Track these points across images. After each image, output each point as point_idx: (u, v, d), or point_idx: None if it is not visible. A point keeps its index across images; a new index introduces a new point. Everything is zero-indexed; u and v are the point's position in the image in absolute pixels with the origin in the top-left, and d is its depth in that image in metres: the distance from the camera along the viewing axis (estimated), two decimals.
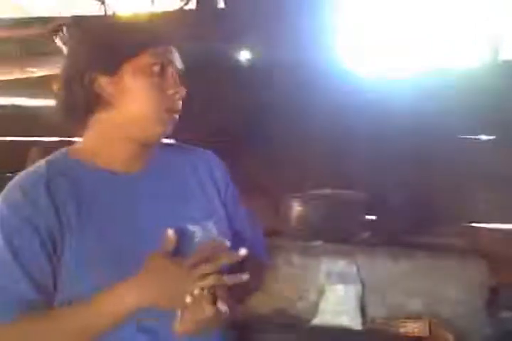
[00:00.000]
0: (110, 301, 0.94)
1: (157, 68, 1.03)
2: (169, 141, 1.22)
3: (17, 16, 3.64)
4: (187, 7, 3.46)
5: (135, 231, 1.02)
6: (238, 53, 3.37)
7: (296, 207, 2.77)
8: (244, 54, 3.39)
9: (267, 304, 2.48)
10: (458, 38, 3.35)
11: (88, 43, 1.06)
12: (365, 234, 2.78)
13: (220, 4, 3.47)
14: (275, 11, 3.25)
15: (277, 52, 3.24)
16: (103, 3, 3.37)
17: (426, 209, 2.90)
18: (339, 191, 2.86)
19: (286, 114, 3.16)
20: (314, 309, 2.45)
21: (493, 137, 3.09)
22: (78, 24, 3.21)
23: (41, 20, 3.39)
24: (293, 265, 2.51)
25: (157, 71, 1.03)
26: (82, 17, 3.41)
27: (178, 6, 3.45)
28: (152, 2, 3.50)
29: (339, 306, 2.41)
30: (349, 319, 2.40)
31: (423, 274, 2.42)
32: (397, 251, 2.51)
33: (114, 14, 3.36)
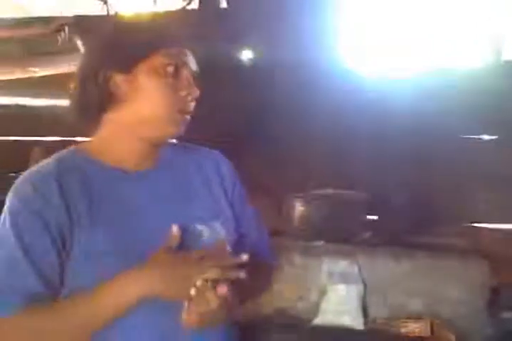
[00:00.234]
0: (112, 291, 0.95)
1: (171, 69, 1.04)
2: (174, 141, 1.22)
3: (19, 16, 3.65)
4: (189, 7, 3.47)
5: (142, 229, 1.03)
6: (240, 53, 3.37)
7: (298, 207, 2.77)
8: (246, 54, 3.40)
9: (269, 304, 2.48)
10: (460, 38, 3.35)
11: (104, 41, 1.08)
12: (366, 234, 2.78)
13: (223, 4, 3.48)
14: (277, 11, 3.26)
15: (279, 52, 3.24)
16: (105, 2, 3.38)
17: (427, 209, 2.91)
18: (341, 191, 2.87)
19: (287, 114, 3.17)
20: (316, 309, 2.46)
21: (495, 137, 3.09)
22: (80, 24, 3.22)
23: (43, 20, 3.40)
24: (294, 265, 2.51)
25: (171, 72, 1.04)
26: (84, 17, 3.42)
27: (181, 6, 3.46)
28: (154, 2, 3.50)
29: (341, 306, 2.41)
30: (351, 319, 2.41)
31: (424, 274, 2.42)
32: (398, 251, 2.51)
33: (117, 14, 3.37)
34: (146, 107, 1.04)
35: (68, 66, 3.15)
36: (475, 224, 3.03)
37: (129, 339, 1.01)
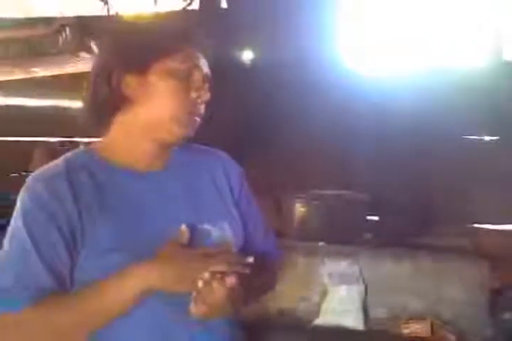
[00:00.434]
0: (119, 284, 0.95)
1: (183, 71, 1.05)
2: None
3: (20, 17, 3.65)
4: (190, 7, 3.47)
5: (151, 228, 1.04)
6: (240, 53, 3.38)
7: (298, 208, 2.77)
8: (246, 54, 3.40)
9: (270, 304, 2.48)
10: (460, 38, 3.35)
11: (117, 43, 1.09)
12: (367, 235, 2.78)
13: (223, 4, 3.48)
14: (277, 11, 3.26)
15: (279, 52, 3.24)
16: (106, 3, 3.38)
17: (428, 209, 2.91)
18: (341, 191, 2.86)
19: (287, 114, 3.17)
20: (317, 309, 2.46)
21: (496, 138, 3.09)
22: (81, 24, 3.21)
23: (44, 20, 3.40)
24: (296, 266, 2.51)
25: (183, 74, 1.05)
26: (85, 17, 3.42)
27: (181, 7, 3.46)
28: (155, 2, 3.50)
29: (342, 306, 2.41)
30: (352, 319, 2.41)
31: (425, 275, 2.43)
32: (399, 252, 2.51)
33: (117, 14, 3.37)
34: (156, 109, 1.05)
35: (69, 66, 3.15)
36: (476, 225, 3.03)
37: (131, 334, 1.02)
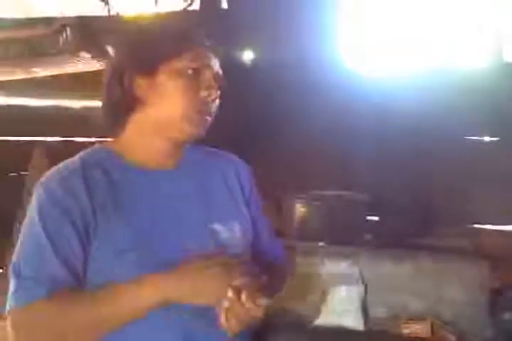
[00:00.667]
0: (135, 291, 0.96)
1: (192, 71, 1.07)
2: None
3: (20, 17, 3.65)
4: (191, 8, 3.47)
5: (163, 227, 1.05)
6: (241, 53, 3.38)
7: (299, 208, 2.77)
8: (246, 54, 3.40)
9: (271, 305, 2.48)
10: (460, 38, 3.35)
11: (128, 44, 1.11)
12: (367, 235, 2.78)
13: (224, 5, 3.48)
14: (277, 12, 3.26)
15: (280, 52, 3.24)
16: (107, 3, 3.38)
17: (428, 210, 2.91)
18: (342, 192, 2.86)
19: (288, 114, 3.17)
20: (317, 310, 2.46)
21: (496, 138, 3.09)
22: (81, 24, 3.21)
23: (45, 20, 3.40)
24: (296, 266, 2.51)
25: (192, 73, 1.07)
26: (86, 17, 3.42)
27: (182, 7, 3.46)
28: (156, 3, 3.51)
29: (342, 307, 2.41)
30: (351, 320, 2.41)
31: (425, 275, 2.43)
32: (399, 253, 2.51)
33: (118, 15, 3.37)
34: (167, 108, 1.07)
35: (69, 66, 3.15)
36: (476, 226, 3.03)
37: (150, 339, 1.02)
